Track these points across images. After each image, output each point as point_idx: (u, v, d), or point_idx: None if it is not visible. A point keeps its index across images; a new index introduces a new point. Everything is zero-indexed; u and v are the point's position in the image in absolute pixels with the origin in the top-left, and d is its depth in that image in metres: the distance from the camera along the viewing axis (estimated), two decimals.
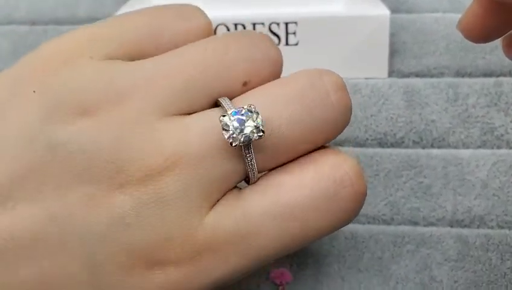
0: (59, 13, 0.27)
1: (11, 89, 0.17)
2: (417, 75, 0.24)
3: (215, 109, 0.17)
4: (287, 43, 0.24)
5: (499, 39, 0.19)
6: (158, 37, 0.18)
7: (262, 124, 0.16)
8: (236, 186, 0.17)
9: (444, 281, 0.22)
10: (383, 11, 0.24)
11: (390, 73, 0.24)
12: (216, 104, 0.17)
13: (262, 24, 0.24)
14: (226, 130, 0.16)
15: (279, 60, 0.18)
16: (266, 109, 0.16)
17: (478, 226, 0.22)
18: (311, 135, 0.17)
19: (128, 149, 0.16)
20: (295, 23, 0.24)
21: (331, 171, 0.17)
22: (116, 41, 0.17)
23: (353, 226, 0.23)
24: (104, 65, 0.17)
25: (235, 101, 0.17)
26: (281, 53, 0.18)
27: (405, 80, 0.24)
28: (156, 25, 0.18)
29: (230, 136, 0.16)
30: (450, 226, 0.23)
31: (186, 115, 0.17)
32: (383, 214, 0.23)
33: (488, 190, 0.23)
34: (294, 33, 0.24)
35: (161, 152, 0.16)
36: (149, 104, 0.16)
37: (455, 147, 0.23)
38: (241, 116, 0.16)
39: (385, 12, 0.24)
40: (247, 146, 0.16)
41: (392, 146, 0.24)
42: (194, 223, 0.16)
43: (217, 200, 0.17)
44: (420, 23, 0.25)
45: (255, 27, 0.24)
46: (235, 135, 0.16)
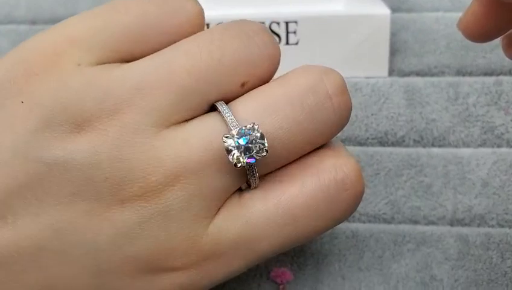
0: (59, 12, 0.27)
1: None
2: (418, 74, 0.24)
3: (214, 115, 0.16)
4: (287, 42, 0.24)
5: (499, 38, 0.19)
6: (146, 35, 0.17)
7: (265, 144, 0.16)
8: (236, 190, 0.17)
9: (444, 280, 0.22)
10: (383, 10, 0.24)
11: (391, 72, 0.24)
12: (214, 106, 0.17)
13: (263, 23, 0.24)
14: (229, 152, 0.16)
15: (278, 55, 0.17)
16: (267, 113, 0.16)
17: (478, 225, 0.22)
18: (310, 137, 0.17)
19: (128, 168, 0.15)
20: (295, 22, 0.24)
21: (332, 175, 0.17)
22: (102, 44, 0.16)
23: (354, 225, 0.23)
24: (93, 74, 0.16)
25: (234, 104, 0.17)
26: (278, 47, 0.18)
27: (405, 79, 0.24)
28: (143, 22, 0.17)
29: (234, 158, 0.16)
30: (451, 225, 0.23)
31: (184, 122, 0.16)
32: (384, 213, 0.23)
33: (488, 189, 0.23)
34: (295, 32, 0.24)
35: (161, 169, 0.16)
36: (144, 117, 0.16)
37: (455, 146, 0.23)
38: (245, 137, 0.16)
39: (386, 12, 0.24)
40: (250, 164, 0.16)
41: (392, 145, 0.24)
42: (198, 232, 0.16)
43: (219, 208, 0.17)
44: (420, 22, 0.25)
45: None
46: (239, 158, 0.16)
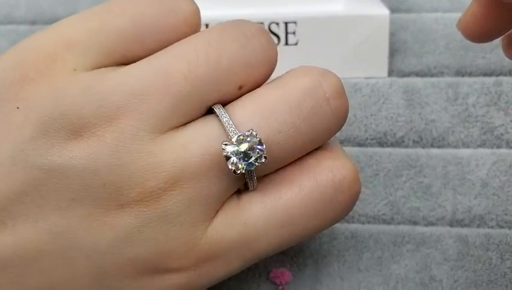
0: (59, 12, 0.27)
1: None
2: (417, 74, 0.24)
3: (212, 119, 0.16)
4: (286, 43, 0.24)
5: (499, 38, 0.19)
6: (142, 36, 0.17)
7: (264, 151, 0.16)
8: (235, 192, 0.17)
9: (443, 280, 0.22)
10: (382, 11, 0.24)
11: (390, 72, 0.24)
12: (211, 109, 0.17)
13: (262, 24, 0.24)
14: (228, 159, 0.16)
15: (275, 57, 0.17)
16: (265, 117, 0.16)
17: (478, 226, 0.22)
18: (308, 140, 0.17)
19: (126, 174, 0.16)
20: (295, 22, 0.24)
21: (329, 177, 0.17)
22: (98, 46, 0.16)
23: (353, 226, 0.23)
24: (89, 79, 0.16)
25: (231, 107, 0.17)
26: (276, 48, 0.17)
27: (405, 79, 0.24)
28: (139, 23, 0.17)
29: (233, 165, 0.16)
30: (450, 226, 0.23)
31: (181, 126, 0.16)
32: (383, 214, 0.23)
33: (488, 190, 0.23)
34: (294, 33, 0.24)
35: (160, 175, 0.16)
36: (142, 123, 0.16)
37: (455, 147, 0.23)
38: (244, 144, 0.16)
39: (385, 12, 0.24)
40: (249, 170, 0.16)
41: (391, 146, 0.24)
42: (197, 235, 0.16)
43: (217, 210, 0.17)
44: (420, 23, 0.25)
45: None
46: (238, 165, 0.16)
